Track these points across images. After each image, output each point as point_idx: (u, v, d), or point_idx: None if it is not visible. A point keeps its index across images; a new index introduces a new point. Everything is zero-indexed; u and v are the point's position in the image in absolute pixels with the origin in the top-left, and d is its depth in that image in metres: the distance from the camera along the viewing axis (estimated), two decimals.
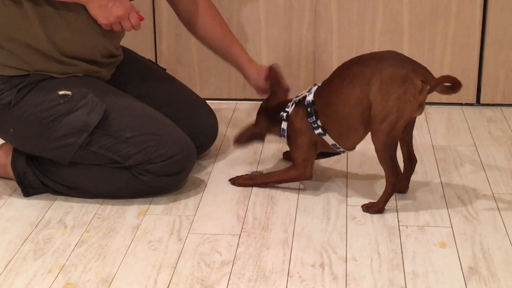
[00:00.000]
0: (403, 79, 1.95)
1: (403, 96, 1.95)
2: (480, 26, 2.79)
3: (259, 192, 2.20)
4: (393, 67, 1.97)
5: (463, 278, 1.78)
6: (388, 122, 1.97)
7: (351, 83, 2.01)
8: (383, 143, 1.99)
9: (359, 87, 2.00)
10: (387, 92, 1.95)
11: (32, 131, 2.10)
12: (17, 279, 1.80)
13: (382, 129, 1.98)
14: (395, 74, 1.96)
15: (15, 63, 2.08)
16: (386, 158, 2.01)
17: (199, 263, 1.85)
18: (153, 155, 2.09)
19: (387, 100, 1.96)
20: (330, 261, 1.85)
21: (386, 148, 2.00)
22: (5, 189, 2.24)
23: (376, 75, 1.97)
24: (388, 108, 1.96)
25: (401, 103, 1.95)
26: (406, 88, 1.95)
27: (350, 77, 2.02)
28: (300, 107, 2.13)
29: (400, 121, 1.97)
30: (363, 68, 2.00)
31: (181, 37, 2.88)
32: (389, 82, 1.95)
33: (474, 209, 2.10)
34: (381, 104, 1.97)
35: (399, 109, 1.96)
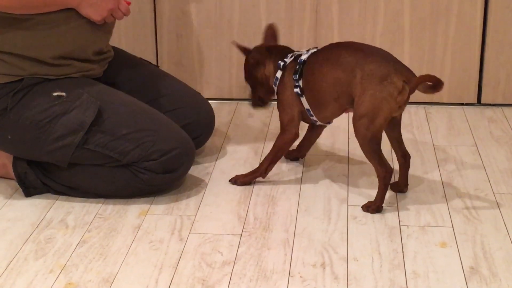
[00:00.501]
0: (382, 77, 1.99)
1: (379, 94, 1.99)
2: (481, 26, 2.79)
3: (260, 192, 2.21)
4: (376, 63, 2.01)
5: (464, 278, 1.78)
6: (365, 118, 2.01)
7: (335, 64, 2.08)
8: (363, 137, 2.03)
9: (341, 71, 2.06)
10: (365, 87, 2.01)
11: (30, 135, 2.10)
12: (18, 279, 1.80)
13: (361, 124, 2.03)
14: (376, 71, 2.00)
15: (8, 70, 2.08)
16: (370, 153, 2.05)
17: (200, 263, 1.85)
18: (151, 150, 2.09)
19: (364, 96, 2.01)
20: (331, 261, 1.85)
21: (367, 143, 2.04)
22: (6, 189, 2.24)
23: (358, 67, 2.03)
24: (366, 104, 2.01)
25: (376, 100, 1.99)
26: (384, 86, 1.99)
27: (335, 58, 2.08)
28: (293, 63, 2.18)
29: (378, 118, 2.01)
30: (349, 55, 2.06)
31: (182, 38, 2.88)
32: (368, 78, 2.00)
33: (475, 209, 2.10)
34: (359, 98, 2.02)
35: (375, 106, 2.00)
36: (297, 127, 2.20)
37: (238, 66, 2.90)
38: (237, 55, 2.87)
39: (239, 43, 2.32)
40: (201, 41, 2.88)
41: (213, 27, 2.86)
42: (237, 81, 2.91)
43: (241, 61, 2.88)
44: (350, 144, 2.52)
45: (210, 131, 2.43)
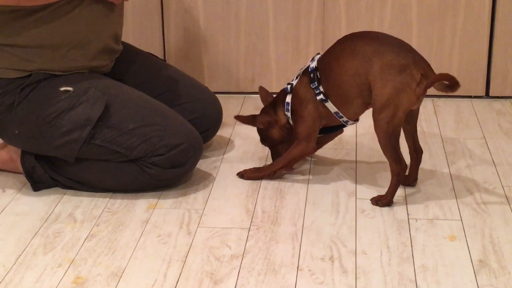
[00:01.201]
0: (402, 68, 1.96)
1: (400, 86, 1.96)
2: (489, 18, 2.77)
3: (268, 185, 2.20)
4: (395, 53, 1.98)
5: (473, 271, 1.78)
6: (387, 111, 1.98)
7: (352, 55, 2.03)
8: (384, 132, 2.00)
9: (359, 61, 2.01)
10: (385, 78, 1.97)
11: (37, 130, 2.11)
12: (27, 273, 1.80)
13: (382, 117, 1.99)
14: (395, 62, 1.97)
15: (17, 65, 2.09)
16: (388, 148, 2.02)
17: (209, 257, 1.86)
18: (158, 145, 2.09)
19: (384, 87, 1.97)
20: (340, 254, 1.85)
21: (387, 137, 2.00)
22: (15, 184, 2.24)
23: (376, 57, 1.99)
24: (386, 96, 1.97)
25: (397, 92, 1.96)
26: (404, 78, 1.96)
27: (352, 49, 2.03)
28: (304, 76, 2.14)
29: (399, 110, 1.98)
30: (366, 45, 2.01)
31: (189, 31, 2.88)
32: (388, 69, 1.97)
33: (483, 202, 2.09)
34: (379, 91, 1.98)
35: (395, 97, 1.96)
36: (315, 141, 2.16)
37: (245, 59, 2.89)
38: (245, 48, 2.88)
39: (241, 116, 2.27)
40: (208, 35, 2.88)
41: (220, 20, 2.85)
42: (244, 74, 2.91)
43: (248, 54, 2.88)
44: (358, 138, 2.51)
45: (218, 125, 2.42)
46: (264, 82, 2.88)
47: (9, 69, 2.10)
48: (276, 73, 2.89)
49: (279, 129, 2.23)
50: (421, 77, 1.96)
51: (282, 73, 2.88)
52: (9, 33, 2.07)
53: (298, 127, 2.16)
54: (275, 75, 2.90)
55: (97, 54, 2.17)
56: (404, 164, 2.04)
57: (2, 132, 2.18)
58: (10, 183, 2.25)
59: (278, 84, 2.72)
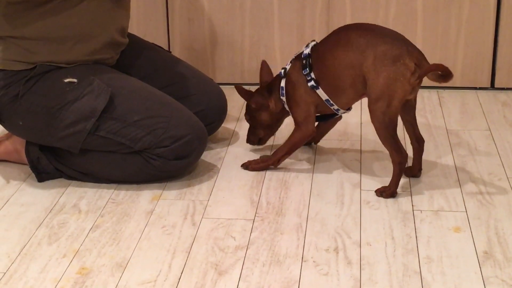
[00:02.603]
0: (395, 58, 1.97)
1: (394, 76, 1.97)
2: (495, 9, 2.76)
3: (272, 177, 2.20)
4: (388, 44, 1.99)
5: (478, 262, 1.77)
6: (382, 101, 1.99)
7: (346, 46, 2.05)
8: (381, 122, 2.01)
9: (352, 53, 2.03)
10: (379, 69, 1.98)
11: (41, 121, 2.11)
12: (32, 263, 1.81)
13: (378, 108, 2.00)
14: (388, 52, 1.98)
15: (22, 57, 2.09)
16: (386, 138, 2.02)
17: (213, 247, 1.86)
18: (162, 137, 2.09)
19: (378, 78, 1.98)
20: (344, 245, 1.85)
21: (384, 127, 2.01)
22: (19, 175, 2.25)
23: (370, 48, 2.00)
24: (380, 87, 1.98)
25: (391, 82, 1.97)
26: (398, 68, 1.97)
27: (346, 40, 2.05)
28: (296, 61, 2.16)
29: (394, 100, 1.98)
30: (359, 37, 2.03)
31: (193, 22, 2.87)
32: (381, 59, 1.98)
33: (488, 194, 2.09)
34: (373, 81, 1.99)
35: (389, 88, 1.97)
36: (313, 123, 2.17)
37: (250, 50, 2.89)
38: (249, 39, 2.87)
39: (241, 87, 2.27)
40: (212, 26, 2.87)
41: (225, 11, 2.85)
42: (249, 65, 2.90)
43: (253, 45, 2.88)
44: (362, 129, 2.51)
45: (223, 117, 2.42)
46: None
47: (14, 61, 2.10)
48: (281, 64, 2.88)
49: (267, 114, 2.25)
50: (415, 67, 1.97)
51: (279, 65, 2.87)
52: (15, 25, 2.07)
53: (294, 112, 2.18)
54: (280, 66, 2.86)
55: (102, 47, 2.17)
56: (404, 153, 2.05)
57: (6, 123, 2.18)
58: (14, 173, 2.26)
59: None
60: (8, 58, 2.10)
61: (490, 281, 1.71)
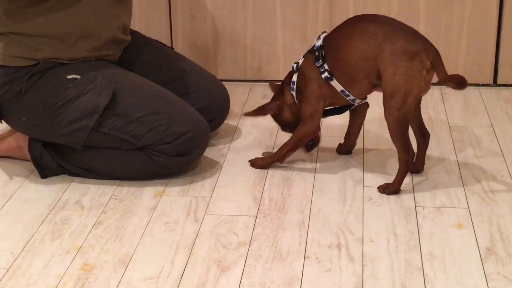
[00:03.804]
0: (413, 54, 1.96)
1: (410, 72, 1.95)
2: (497, 6, 2.76)
3: (275, 173, 2.21)
4: (406, 40, 1.97)
5: (480, 259, 1.78)
6: (397, 97, 1.97)
7: (361, 37, 2.02)
8: (395, 119, 1.99)
9: (368, 45, 2.00)
10: (396, 64, 1.96)
11: (44, 118, 2.11)
12: (35, 260, 1.81)
13: (393, 104, 1.98)
14: (407, 48, 1.96)
15: (25, 54, 2.09)
16: (398, 135, 2.01)
17: (216, 244, 1.86)
18: (165, 133, 2.09)
19: (395, 74, 1.97)
20: (347, 242, 1.85)
21: (398, 124, 2.00)
22: (22, 171, 2.25)
23: (387, 42, 1.98)
24: (396, 83, 1.97)
25: (408, 78, 1.96)
26: (414, 64, 1.95)
27: (362, 31, 2.02)
28: (309, 55, 2.13)
29: (409, 97, 1.97)
30: (377, 28, 2.00)
31: (196, 19, 2.87)
32: (399, 55, 1.96)
33: (491, 190, 2.09)
34: (390, 77, 1.97)
35: (406, 84, 1.96)
36: (319, 120, 2.15)
37: (252, 47, 2.89)
38: (252, 36, 2.87)
39: (250, 112, 2.25)
40: (215, 23, 2.87)
41: (227, 8, 2.85)
42: (251, 62, 2.91)
43: (256, 42, 2.88)
44: (365, 125, 2.51)
45: (225, 114, 2.42)
46: (271, 70, 2.88)
47: (17, 57, 2.10)
48: (283, 61, 2.89)
49: (288, 113, 2.22)
50: (430, 64, 1.96)
51: (289, 61, 2.87)
52: (18, 21, 2.07)
53: (302, 106, 2.16)
54: (282, 63, 2.89)
55: (105, 45, 2.17)
56: (412, 153, 2.04)
57: (10, 119, 2.19)
58: (17, 170, 2.26)
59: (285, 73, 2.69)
60: (11, 55, 2.10)
61: (492, 278, 1.71)
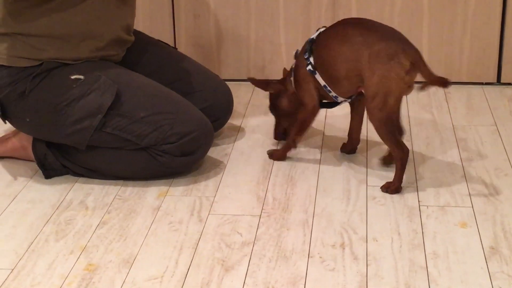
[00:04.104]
0: (390, 56, 1.98)
1: (388, 74, 1.97)
2: (501, 4, 2.76)
3: (279, 173, 2.21)
4: (383, 42, 2.00)
5: (484, 258, 1.78)
6: (378, 99, 2.00)
7: (343, 41, 2.07)
8: (378, 120, 2.02)
9: (347, 48, 2.05)
10: (374, 67, 1.99)
11: (48, 118, 2.11)
12: (39, 260, 1.82)
13: (374, 106, 2.01)
14: (383, 50, 1.99)
15: (29, 54, 2.09)
16: (386, 134, 2.04)
17: (220, 243, 1.86)
18: (168, 133, 2.10)
19: (373, 76, 1.99)
20: (351, 241, 1.85)
21: (382, 125, 2.02)
22: (26, 171, 2.25)
23: (365, 46, 2.01)
24: (374, 85, 1.99)
25: (385, 80, 1.98)
26: (392, 66, 1.97)
27: (344, 35, 2.07)
28: (305, 45, 2.19)
29: (389, 98, 1.99)
30: (357, 34, 2.04)
31: (199, 18, 2.87)
32: (376, 57, 1.99)
33: (495, 189, 2.09)
34: (369, 79, 2.01)
35: (384, 86, 1.98)
36: (315, 101, 2.18)
37: (255, 46, 2.89)
38: (255, 35, 2.87)
39: (255, 79, 2.28)
40: (218, 22, 2.87)
41: (230, 7, 2.85)
42: (254, 61, 2.91)
43: (259, 41, 2.88)
44: (368, 124, 2.50)
45: (229, 113, 2.43)
46: (275, 70, 2.88)
47: (21, 58, 2.10)
48: (286, 60, 2.89)
49: (287, 99, 2.25)
50: (410, 65, 1.97)
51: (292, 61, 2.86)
52: (21, 22, 2.08)
53: (298, 92, 2.20)
54: (285, 63, 2.89)
55: (108, 45, 2.17)
56: (406, 148, 2.05)
57: (13, 120, 2.19)
58: (21, 170, 2.26)
59: None
60: (15, 55, 2.10)
61: (497, 276, 1.71)
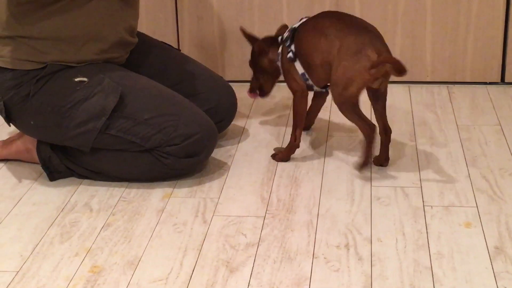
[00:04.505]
0: (357, 50, 2.05)
1: (353, 66, 2.05)
2: (504, 3, 2.76)
3: (283, 173, 2.21)
4: (353, 35, 2.08)
5: (489, 258, 1.77)
6: (338, 86, 2.10)
7: (319, 32, 2.15)
8: (337, 103, 2.13)
9: (323, 40, 2.13)
10: (340, 58, 2.08)
11: (52, 120, 2.12)
12: (44, 262, 1.82)
13: (334, 91, 2.12)
14: (352, 44, 2.07)
15: (33, 57, 2.10)
16: (346, 114, 2.13)
17: (224, 245, 1.86)
18: (173, 135, 2.10)
19: (339, 66, 2.08)
20: (355, 242, 1.85)
21: (344, 108, 2.12)
22: (31, 174, 2.26)
23: (338, 39, 2.10)
24: (338, 74, 2.09)
25: (348, 71, 2.06)
26: (358, 59, 2.05)
27: (319, 27, 2.16)
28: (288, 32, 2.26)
29: (350, 87, 2.07)
30: (332, 26, 2.13)
31: (203, 20, 2.88)
32: (344, 50, 2.07)
33: (499, 189, 2.08)
34: (334, 69, 2.10)
35: (346, 76, 2.07)
36: (302, 86, 2.23)
37: None
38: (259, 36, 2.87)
39: (246, 31, 2.35)
40: (222, 23, 2.88)
41: (233, 8, 2.85)
42: None
43: None
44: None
45: (233, 115, 2.43)
46: None
47: (25, 61, 2.11)
48: None
49: (267, 60, 2.30)
50: (377, 58, 2.03)
51: None
52: (26, 24, 2.08)
53: (286, 82, 2.26)
54: None
55: (112, 47, 2.18)
56: (371, 124, 2.13)
57: (18, 122, 2.20)
58: (26, 173, 2.27)
59: None
60: (19, 58, 2.11)
61: (501, 276, 1.71)
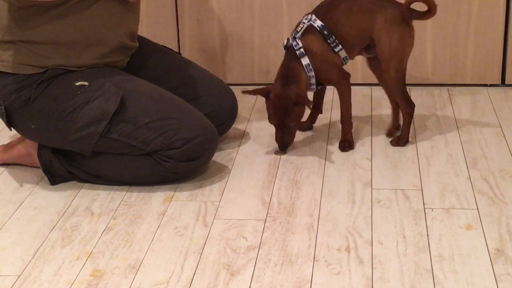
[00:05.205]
0: (402, 19, 2.22)
1: (404, 35, 2.23)
2: (505, 6, 2.76)
3: (283, 177, 2.21)
4: (395, 7, 2.23)
5: (490, 260, 1.77)
6: (395, 60, 2.23)
7: (358, 12, 2.25)
8: (394, 79, 2.25)
9: (363, 18, 2.24)
10: (390, 31, 2.22)
11: (53, 124, 2.12)
12: (45, 266, 1.82)
13: (391, 66, 2.24)
14: (397, 14, 2.23)
15: (34, 61, 2.10)
16: (398, 92, 2.27)
17: (225, 248, 1.86)
18: (173, 138, 2.10)
19: (391, 39, 2.22)
20: (356, 245, 1.85)
21: (397, 83, 2.25)
22: (32, 178, 2.26)
23: (379, 12, 2.23)
24: (393, 47, 2.23)
25: (403, 40, 2.23)
26: (405, 27, 2.23)
27: (358, 7, 2.26)
28: (311, 35, 2.26)
29: (405, 57, 2.25)
30: (368, 2, 2.26)
31: (203, 23, 2.88)
32: (392, 22, 2.22)
33: (500, 191, 2.09)
34: (386, 43, 2.23)
35: (401, 46, 2.23)
36: (344, 70, 2.31)
37: (260, 50, 2.89)
38: (259, 40, 2.88)
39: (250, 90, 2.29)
40: (222, 27, 2.88)
41: (234, 12, 2.85)
42: (259, 66, 2.91)
43: (263, 45, 2.88)
44: (373, 128, 2.51)
45: (233, 118, 2.43)
46: None
47: (26, 65, 2.11)
48: None
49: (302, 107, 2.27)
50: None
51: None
52: (27, 29, 2.08)
53: (329, 75, 2.30)
54: None
55: (113, 51, 2.18)
56: (413, 104, 2.29)
57: (19, 126, 2.20)
58: (27, 177, 2.27)
59: None
60: (20, 62, 2.11)
61: (502, 279, 1.71)
